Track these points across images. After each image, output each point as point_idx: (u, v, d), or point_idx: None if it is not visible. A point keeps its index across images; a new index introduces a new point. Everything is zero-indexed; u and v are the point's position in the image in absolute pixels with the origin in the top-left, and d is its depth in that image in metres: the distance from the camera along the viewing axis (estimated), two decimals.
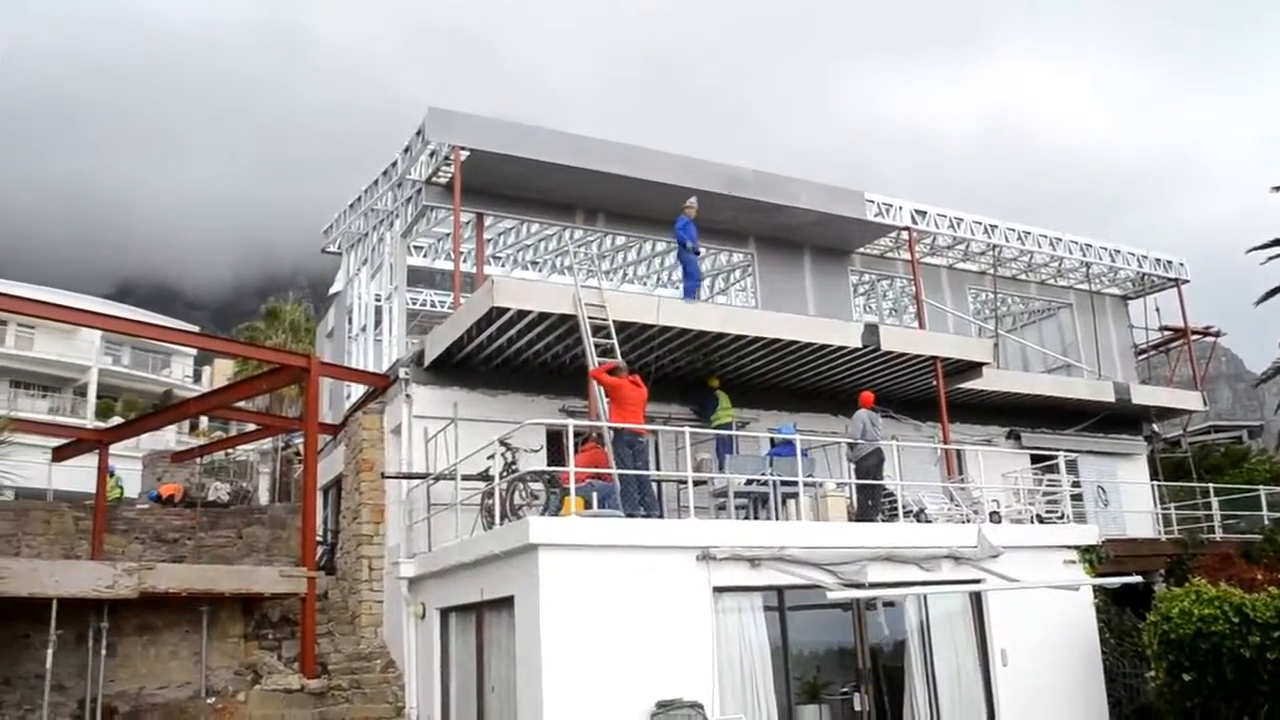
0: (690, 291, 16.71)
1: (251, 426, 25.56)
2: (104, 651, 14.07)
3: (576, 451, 12.06)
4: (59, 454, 20.99)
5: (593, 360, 13.50)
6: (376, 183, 19.17)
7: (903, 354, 16.97)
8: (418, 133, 16.88)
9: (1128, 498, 23.09)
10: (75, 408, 48.91)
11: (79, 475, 22.64)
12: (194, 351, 56.10)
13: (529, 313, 14.00)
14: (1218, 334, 29.32)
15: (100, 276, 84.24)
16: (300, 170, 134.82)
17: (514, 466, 13.60)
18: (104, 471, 20.46)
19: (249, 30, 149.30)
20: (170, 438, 41.31)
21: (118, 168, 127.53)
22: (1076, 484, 19.74)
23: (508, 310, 13.79)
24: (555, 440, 14.65)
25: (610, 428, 12.76)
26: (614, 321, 14.00)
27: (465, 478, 13.78)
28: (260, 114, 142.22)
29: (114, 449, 21.20)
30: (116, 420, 35.25)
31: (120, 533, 21.38)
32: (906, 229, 21.31)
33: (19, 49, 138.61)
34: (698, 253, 16.92)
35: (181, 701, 14.42)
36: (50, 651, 13.25)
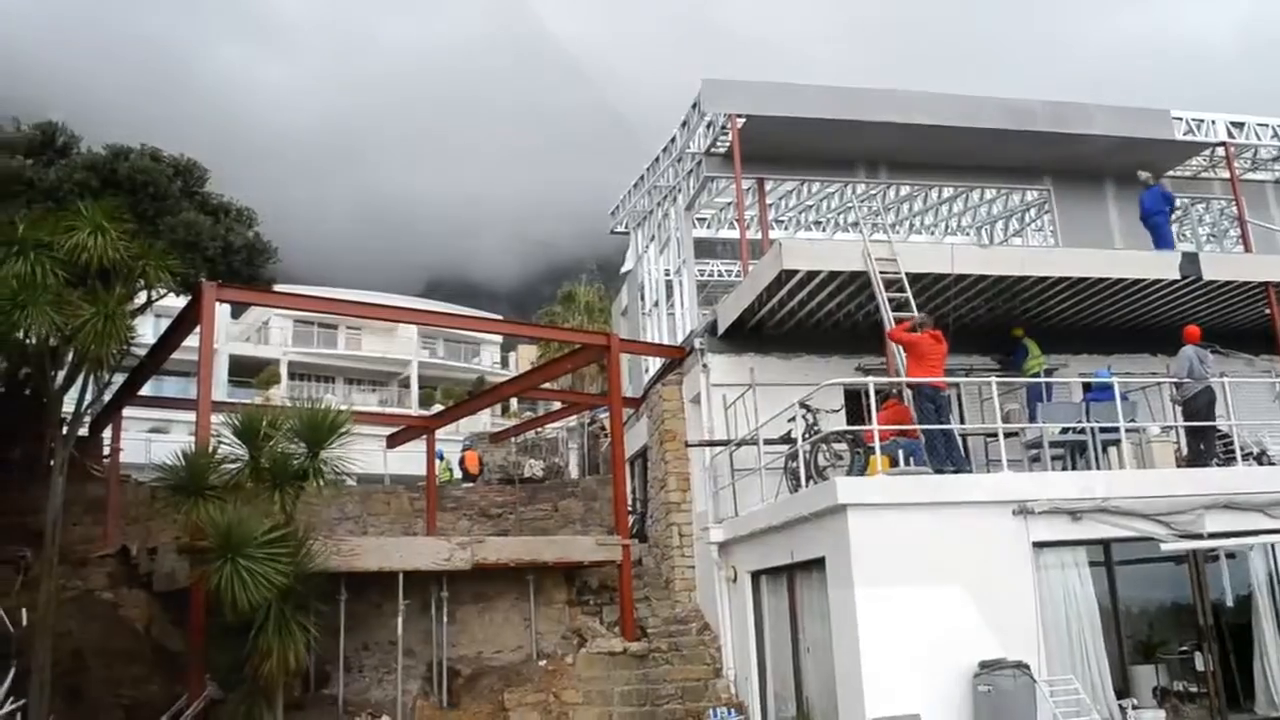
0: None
1: (558, 405, 26.96)
2: (445, 619, 15.22)
3: (878, 409, 11.87)
4: (392, 441, 22.93)
5: (888, 316, 13.22)
6: (657, 160, 19.57)
7: (1228, 282, 15.46)
8: (694, 105, 17.07)
9: None
10: (400, 399, 53.29)
11: (410, 459, 24.65)
12: (499, 339, 59.59)
13: (818, 273, 13.85)
14: None
15: (411, 278, 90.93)
16: (560, 161, 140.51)
17: (815, 428, 13.59)
18: (433, 455, 22.14)
19: (492, 44, 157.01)
20: (485, 420, 44.15)
21: (409, 181, 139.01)
22: None
23: (797, 272, 13.72)
24: (853, 400, 14.53)
25: (910, 384, 12.49)
26: (906, 274, 13.61)
27: (767, 442, 13.84)
28: (513, 115, 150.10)
29: (438, 434, 22.87)
30: (438, 407, 37.97)
31: (450, 510, 23.17)
32: (1223, 144, 19.45)
33: (301, 85, 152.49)
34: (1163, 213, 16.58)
35: (516, 664, 15.45)
36: (400, 619, 14.57)
